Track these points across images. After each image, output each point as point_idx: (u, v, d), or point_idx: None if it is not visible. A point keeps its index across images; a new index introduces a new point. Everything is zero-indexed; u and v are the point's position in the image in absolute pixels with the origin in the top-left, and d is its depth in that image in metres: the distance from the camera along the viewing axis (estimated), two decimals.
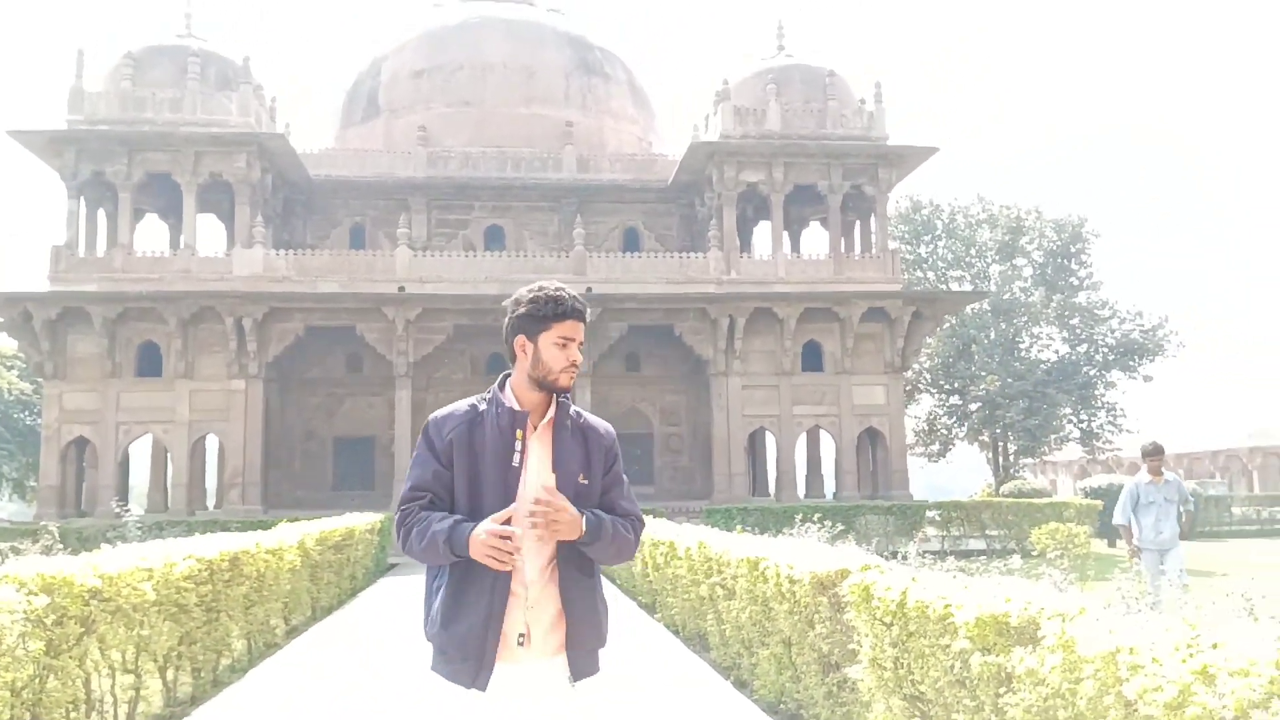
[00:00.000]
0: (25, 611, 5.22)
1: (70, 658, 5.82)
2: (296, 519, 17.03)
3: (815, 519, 19.36)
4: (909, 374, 34.49)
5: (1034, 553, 16.28)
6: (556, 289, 2.92)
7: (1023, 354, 41.21)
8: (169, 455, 26.89)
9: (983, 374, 39.81)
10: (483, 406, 2.92)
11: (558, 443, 2.89)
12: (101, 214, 28.52)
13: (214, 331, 26.47)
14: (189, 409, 26.26)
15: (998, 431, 40.88)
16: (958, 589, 4.52)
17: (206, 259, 27.18)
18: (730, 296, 27.40)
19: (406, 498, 2.91)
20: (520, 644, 2.81)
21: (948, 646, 4.34)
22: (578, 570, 2.90)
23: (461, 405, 2.97)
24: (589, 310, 3.01)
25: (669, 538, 11.35)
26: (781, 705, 7.20)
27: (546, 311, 2.87)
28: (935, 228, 43.27)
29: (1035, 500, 26.67)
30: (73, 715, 6.03)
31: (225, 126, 26.94)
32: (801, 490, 28.94)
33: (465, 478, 2.85)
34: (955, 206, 43.78)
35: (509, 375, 2.97)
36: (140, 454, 31.06)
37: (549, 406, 2.92)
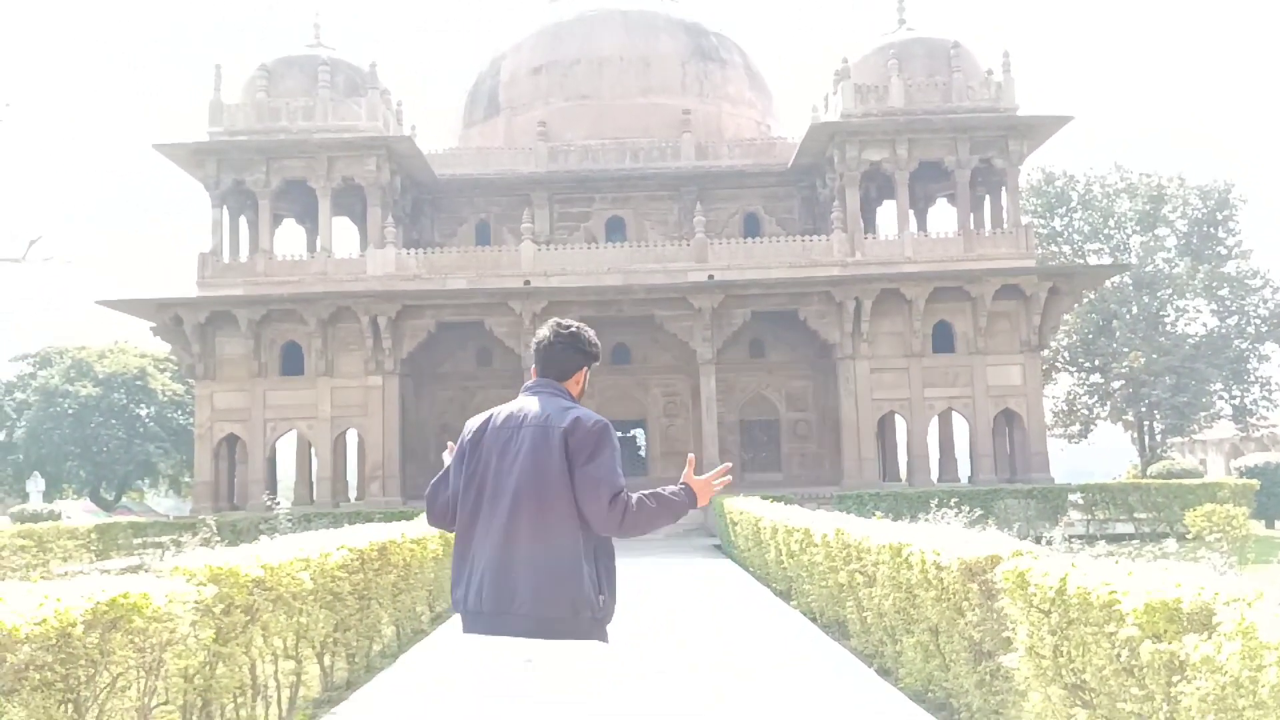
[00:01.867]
0: (196, 602, 5.50)
1: (237, 645, 6.10)
2: None
3: (952, 504, 18.94)
4: (1046, 353, 33.27)
5: (1189, 536, 15.53)
6: (595, 337, 3.80)
7: (1168, 328, 39.33)
8: (313, 450, 28.01)
9: (1125, 350, 38.15)
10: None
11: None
12: (243, 220, 29.86)
13: (351, 330, 27.42)
14: (330, 405, 27.31)
15: (1142, 410, 39.14)
16: (1120, 574, 4.34)
17: (342, 260, 28.17)
18: (855, 279, 26.92)
19: (621, 486, 3.30)
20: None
21: (1113, 634, 4.17)
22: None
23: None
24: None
25: (804, 525, 11.23)
26: (929, 694, 7.06)
27: (596, 354, 3.75)
28: (1070, 200, 41.62)
29: (1186, 481, 25.45)
30: (239, 700, 6.33)
31: (355, 132, 27.85)
32: (934, 475, 28.28)
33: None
34: (1091, 177, 42.02)
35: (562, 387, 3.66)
36: (285, 450, 32.47)
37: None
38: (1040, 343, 27.57)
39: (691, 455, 3.61)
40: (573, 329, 3.67)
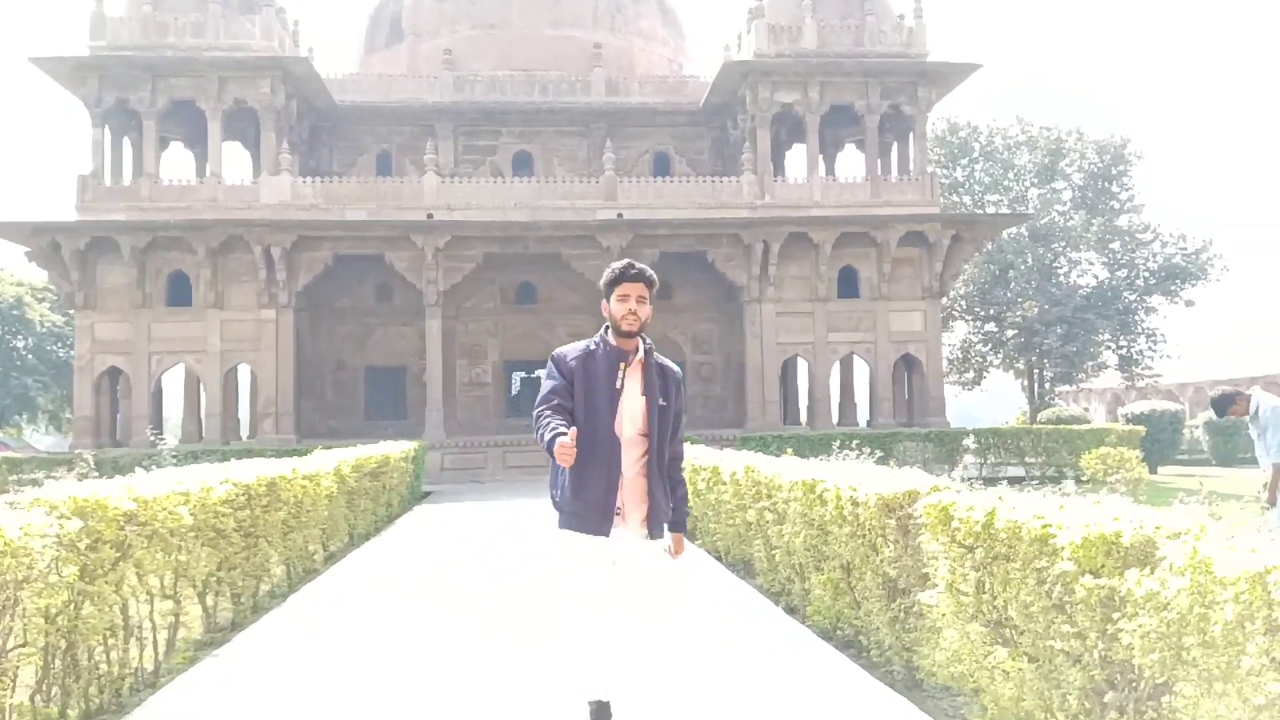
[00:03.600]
0: (58, 535, 5.02)
1: (106, 583, 5.63)
2: (330, 448, 16.94)
3: (853, 446, 19.11)
4: (944, 301, 33.82)
5: (1083, 479, 15.93)
6: (626, 262, 4.24)
7: (1061, 279, 40.39)
8: (201, 385, 26.86)
9: (1020, 300, 39.08)
10: (593, 347, 4.21)
11: (647, 376, 4.22)
12: (127, 142, 28.18)
13: (243, 261, 26.23)
14: (220, 339, 26.16)
15: (1033, 359, 40.26)
16: (1051, 508, 4.17)
17: (234, 187, 26.85)
18: (764, 221, 26.78)
19: (539, 402, 4.13)
20: (617, 514, 4.16)
21: (1044, 570, 4.01)
22: (656, 471, 4.22)
23: (578, 345, 4.27)
24: (654, 280, 4.25)
25: (712, 463, 11.06)
26: (838, 631, 6.95)
27: (609, 278, 4.22)
28: (972, 150, 42.22)
29: (1075, 427, 26.26)
30: (110, 642, 5.87)
31: (248, 50, 26.39)
32: (834, 419, 28.58)
33: (582, 394, 4.13)
34: (993, 128, 42.65)
35: (608, 328, 4.25)
36: (174, 385, 31.14)
37: (637, 351, 4.23)
38: (942, 290, 27.93)
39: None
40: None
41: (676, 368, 4.36)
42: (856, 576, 6.43)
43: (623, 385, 4.12)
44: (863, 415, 30.69)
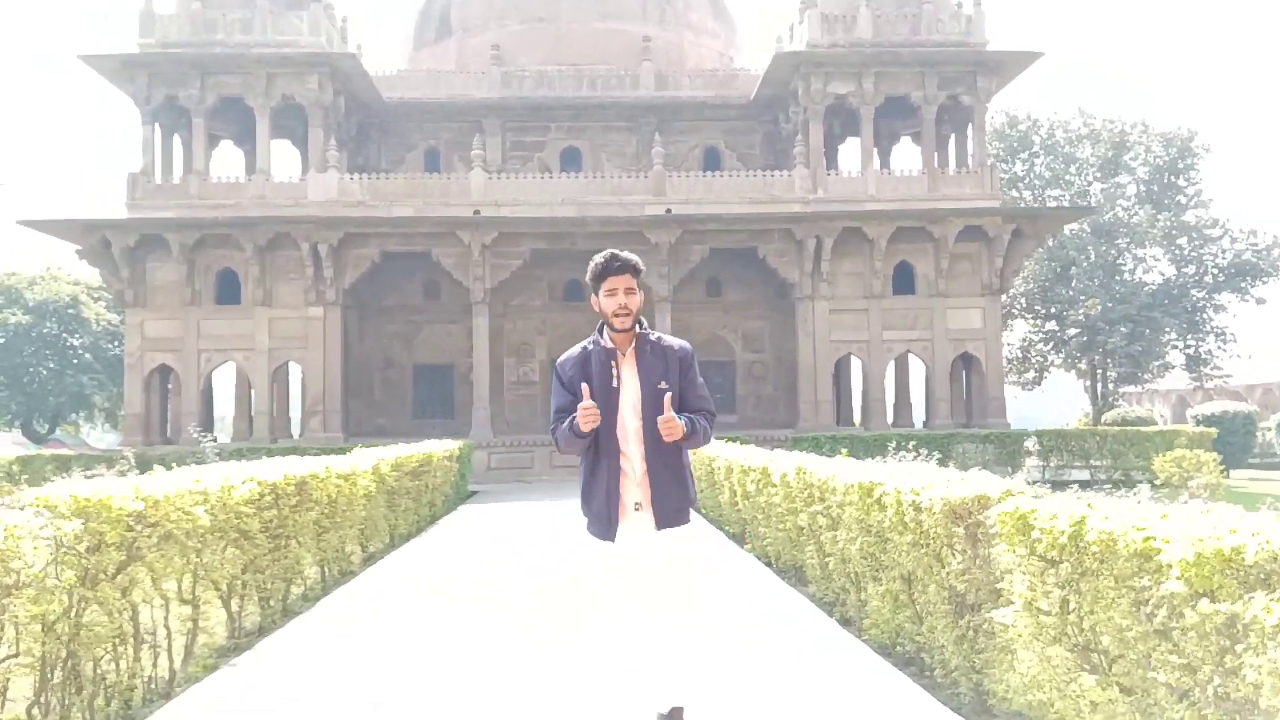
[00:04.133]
0: (55, 538, 4.67)
1: (111, 588, 5.28)
2: (376, 446, 16.68)
3: (910, 447, 18.42)
4: (1004, 298, 32.85)
5: (1157, 482, 15.11)
6: (609, 254, 4.14)
7: (1125, 277, 39.11)
8: (251, 383, 26.84)
9: (1082, 298, 37.91)
10: (591, 348, 4.16)
11: (640, 364, 4.14)
12: (177, 140, 28.28)
13: (290, 258, 26.15)
14: (268, 336, 26.10)
15: (1096, 358, 39.04)
16: (1153, 518, 3.61)
17: (281, 184, 26.79)
18: (817, 216, 26.11)
19: (553, 419, 4.21)
20: (636, 509, 4.16)
21: (1144, 589, 3.45)
22: (661, 461, 4.15)
23: (575, 349, 4.21)
24: (640, 267, 4.18)
25: (761, 464, 10.53)
26: (897, 647, 6.40)
27: (594, 273, 4.13)
28: (1032, 144, 41.08)
29: (1144, 429, 25.26)
30: (120, 650, 5.51)
31: (296, 47, 26.32)
32: (889, 419, 27.82)
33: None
34: (1054, 121, 41.47)
35: (603, 325, 4.18)
36: (226, 382, 31.26)
37: (633, 339, 4.16)
38: (1002, 286, 27.03)
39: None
40: None
41: (683, 344, 4.27)
42: (919, 589, 5.88)
43: (619, 382, 4.10)
44: (918, 416, 29.93)
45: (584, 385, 4.02)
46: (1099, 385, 40.52)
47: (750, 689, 5.43)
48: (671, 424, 3.98)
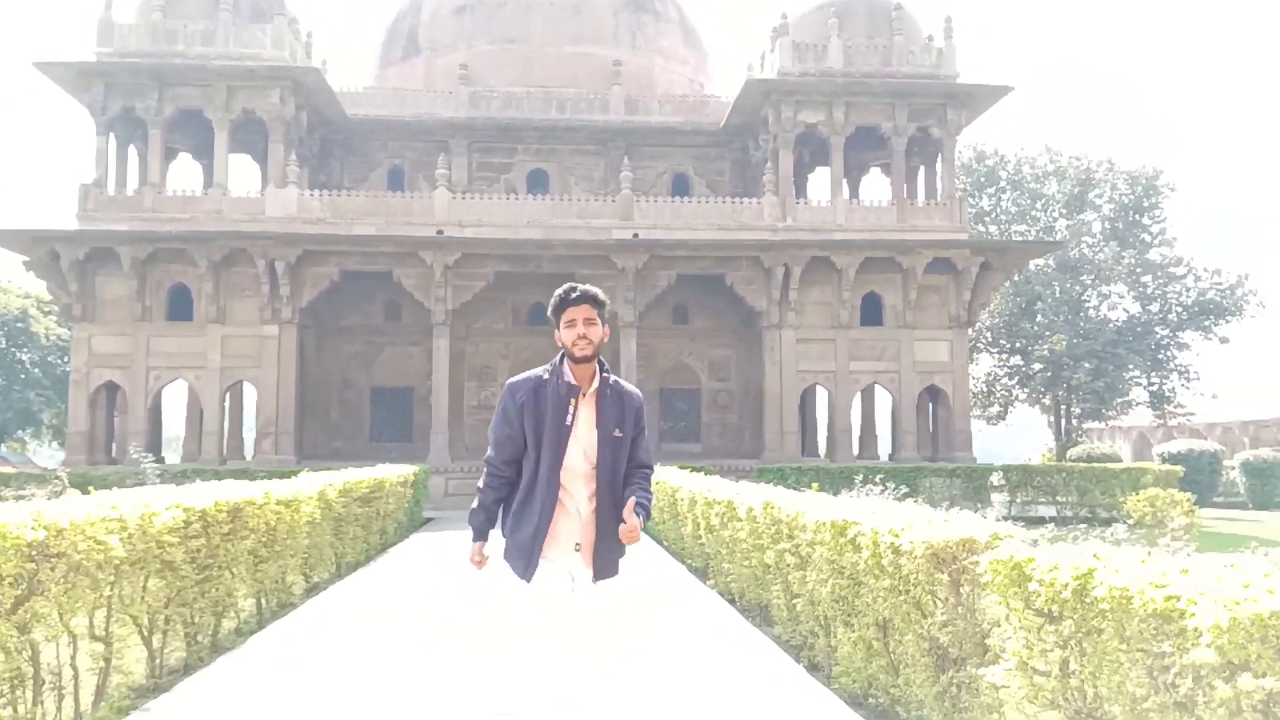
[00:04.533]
0: None
1: (7, 625, 4.74)
2: (329, 470, 16.07)
3: (876, 480, 18.09)
4: (971, 331, 32.73)
5: (1130, 522, 14.82)
6: (568, 286, 4.02)
7: (1090, 313, 39.21)
8: (202, 403, 26.02)
9: (1047, 333, 37.94)
10: (546, 376, 3.99)
11: (600, 407, 3.99)
12: (132, 152, 27.54)
13: (246, 275, 25.45)
14: (220, 355, 25.33)
15: (1060, 394, 39.03)
16: (1173, 573, 3.18)
17: (239, 199, 26.11)
18: (786, 244, 25.84)
19: (491, 447, 4.08)
20: (577, 550, 3.95)
21: (1165, 655, 3.02)
22: (609, 506, 3.98)
23: (531, 375, 4.04)
24: (602, 299, 4.03)
25: (726, 496, 10.06)
26: (870, 699, 5.94)
27: (554, 306, 4.00)
28: (999, 179, 41.24)
29: (1110, 465, 25.10)
30: (18, 693, 4.95)
31: (258, 60, 25.71)
32: (855, 451, 27.48)
33: (532, 431, 3.95)
34: (1021, 157, 41.73)
35: (564, 356, 4.02)
36: (177, 402, 30.36)
37: (594, 378, 4.00)
38: (970, 319, 26.86)
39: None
40: None
41: (637, 393, 4.17)
42: (896, 637, 5.43)
43: (573, 420, 3.96)
44: (883, 448, 29.65)
45: (477, 544, 4.06)
46: (1062, 421, 40.52)
47: None
48: (634, 533, 3.91)
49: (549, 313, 4.06)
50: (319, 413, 28.80)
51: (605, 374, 4.04)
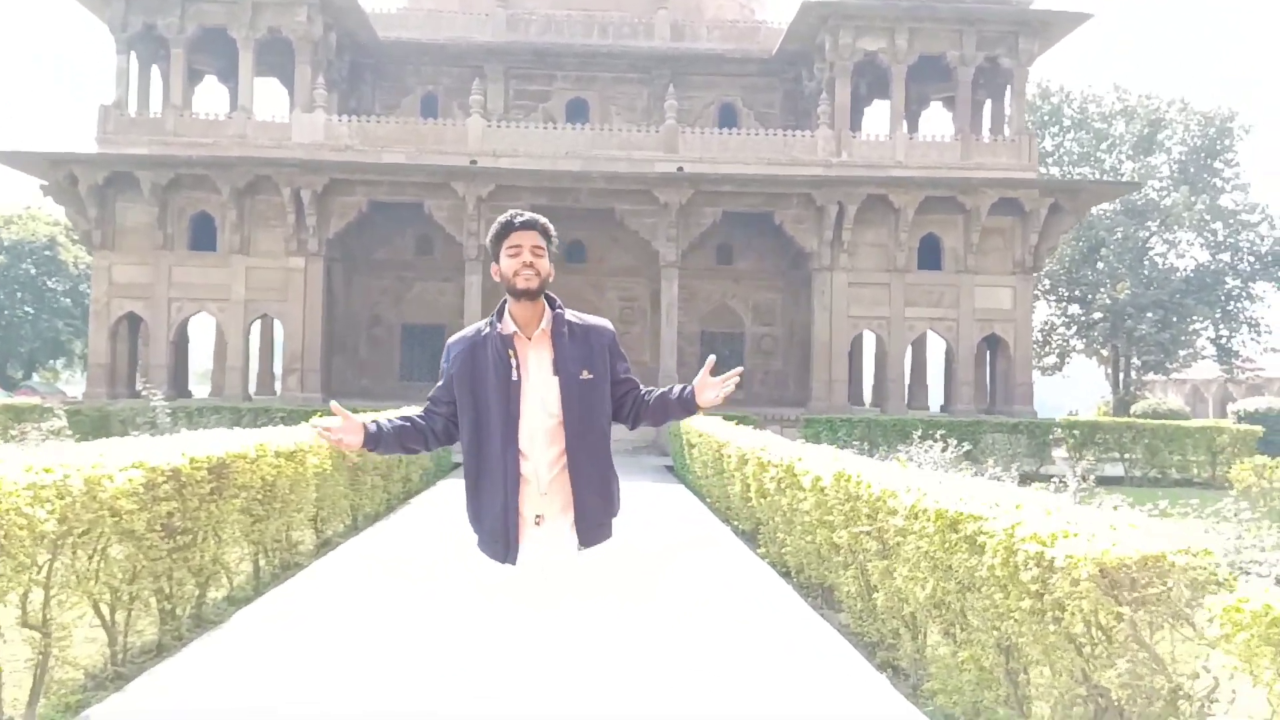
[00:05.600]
0: None
1: None
2: (357, 410, 15.04)
3: (937, 436, 16.73)
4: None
5: (1230, 489, 13.41)
6: (511, 212, 3.46)
7: (1155, 260, 37.27)
8: (226, 336, 25.09)
9: (1109, 281, 36.08)
10: (486, 330, 3.44)
11: (557, 349, 3.36)
12: (156, 74, 26.34)
13: (271, 204, 24.30)
14: (245, 287, 24.29)
15: (1120, 345, 37.25)
16: None
17: (264, 124, 24.87)
18: (840, 180, 24.20)
19: (428, 399, 3.59)
20: (536, 524, 3.33)
21: None
22: (586, 460, 3.35)
23: (470, 330, 3.51)
24: (551, 231, 3.45)
25: (785, 459, 8.77)
26: None
27: (495, 234, 3.45)
28: (1063, 118, 39.11)
29: (1182, 423, 23.49)
30: None
31: None
32: (904, 401, 26.05)
33: (468, 396, 3.38)
34: (1087, 95, 39.50)
35: (504, 303, 3.44)
36: (205, 335, 29.54)
37: (543, 317, 3.38)
38: (1035, 264, 25.14)
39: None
40: None
41: (605, 324, 3.52)
42: (1028, 669, 4.17)
43: (520, 372, 3.34)
44: (934, 399, 28.25)
45: (333, 403, 3.51)
46: (1121, 373, 38.77)
47: None
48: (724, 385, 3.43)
49: (488, 242, 3.50)
50: (347, 349, 27.82)
51: (558, 309, 3.42)
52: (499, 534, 3.32)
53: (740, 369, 3.47)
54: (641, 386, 3.55)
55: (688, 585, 8.31)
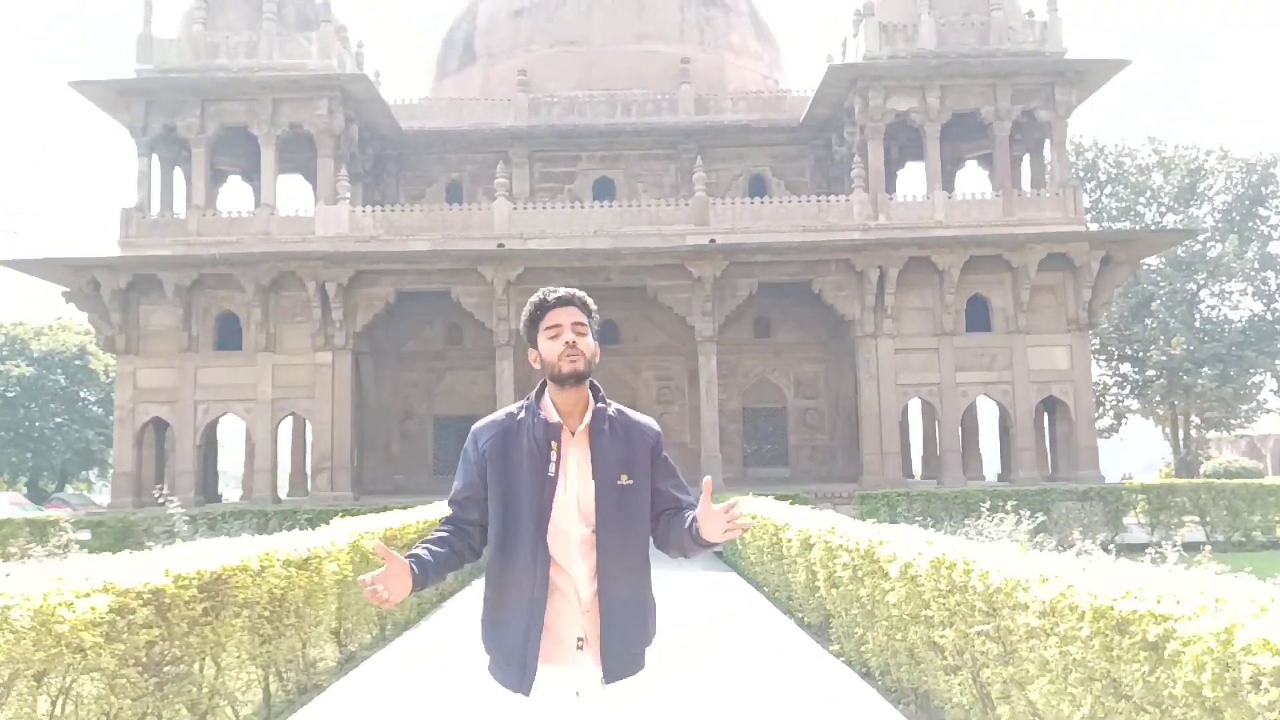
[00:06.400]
0: None
1: None
2: (388, 508, 14.12)
3: (1008, 508, 15.50)
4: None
5: None
6: (544, 290, 3.03)
7: (1207, 313, 35.92)
8: (254, 437, 24.37)
9: (1161, 337, 34.71)
10: (521, 415, 3.00)
11: (596, 447, 2.94)
12: (178, 175, 26.17)
13: (296, 299, 23.77)
14: (271, 385, 23.64)
15: (1178, 402, 35.70)
16: None
17: (288, 218, 24.49)
18: (879, 244, 23.32)
19: (449, 504, 3.07)
20: (580, 648, 2.85)
21: None
22: (621, 578, 2.89)
23: (501, 414, 3.06)
24: (591, 305, 3.06)
25: (861, 541, 7.68)
26: None
27: (532, 315, 3.02)
28: (1098, 173, 38.22)
29: (1264, 482, 22.01)
30: None
31: (303, 70, 24.14)
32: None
33: (499, 488, 2.92)
34: (1122, 148, 38.64)
35: (543, 386, 3.04)
36: (237, 437, 28.91)
37: (586, 409, 2.97)
38: (1091, 320, 23.97)
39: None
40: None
41: (651, 423, 3.04)
42: None
43: (559, 469, 2.87)
44: (989, 467, 26.89)
45: (377, 544, 2.86)
46: (1181, 432, 37.14)
47: None
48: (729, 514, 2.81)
49: (522, 327, 3.11)
50: (378, 445, 27.02)
51: (601, 402, 3.01)
52: (515, 654, 2.85)
53: (738, 508, 2.85)
54: (683, 505, 3.03)
55: (756, 693, 7.18)
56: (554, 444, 2.91)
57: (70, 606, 4.54)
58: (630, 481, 2.95)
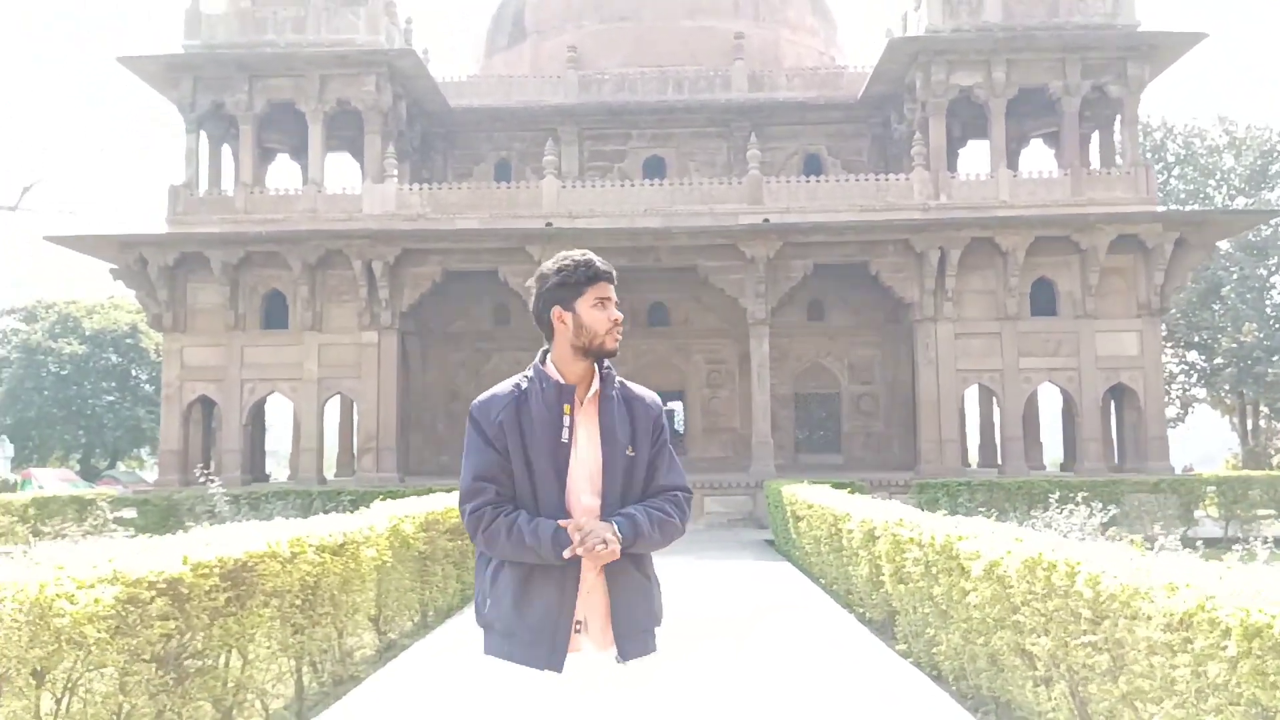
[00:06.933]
0: None
1: None
2: (432, 489, 13.77)
3: (1078, 499, 14.76)
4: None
5: None
6: (582, 254, 2.96)
7: (1277, 300, 34.54)
8: (299, 416, 24.20)
9: (1228, 325, 33.43)
10: (526, 385, 2.92)
11: (604, 415, 2.89)
12: (226, 153, 26.00)
13: (343, 278, 23.49)
14: (317, 364, 23.40)
15: (1248, 391, 34.39)
16: None
17: (334, 196, 24.19)
18: (941, 224, 22.47)
19: (471, 491, 2.83)
20: (577, 631, 2.80)
21: None
22: (626, 558, 2.81)
23: (504, 386, 2.98)
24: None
25: (937, 535, 7.07)
26: None
27: (579, 276, 2.90)
28: (1167, 154, 36.88)
29: None
30: None
31: (351, 45, 23.79)
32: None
33: (520, 459, 2.81)
34: (1191, 129, 37.24)
35: (547, 351, 2.98)
36: (285, 416, 28.84)
37: (593, 379, 2.91)
38: (1162, 305, 22.94)
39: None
40: (539, 272, 3.00)
41: (654, 396, 2.99)
42: None
43: (572, 435, 2.81)
44: (1049, 456, 25.94)
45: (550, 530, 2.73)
46: (1249, 422, 35.82)
47: None
48: (591, 534, 2.69)
49: (552, 285, 2.92)
50: (424, 426, 26.76)
51: (606, 370, 2.91)
52: (545, 630, 2.75)
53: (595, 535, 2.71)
54: (662, 486, 2.91)
55: (816, 688, 6.65)
56: (567, 407, 2.82)
57: (70, 598, 4.14)
58: (633, 453, 2.89)
